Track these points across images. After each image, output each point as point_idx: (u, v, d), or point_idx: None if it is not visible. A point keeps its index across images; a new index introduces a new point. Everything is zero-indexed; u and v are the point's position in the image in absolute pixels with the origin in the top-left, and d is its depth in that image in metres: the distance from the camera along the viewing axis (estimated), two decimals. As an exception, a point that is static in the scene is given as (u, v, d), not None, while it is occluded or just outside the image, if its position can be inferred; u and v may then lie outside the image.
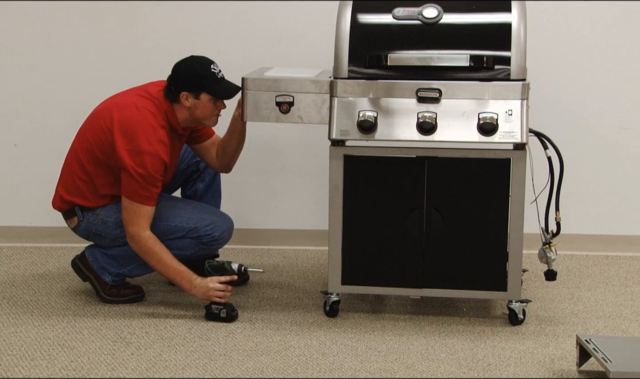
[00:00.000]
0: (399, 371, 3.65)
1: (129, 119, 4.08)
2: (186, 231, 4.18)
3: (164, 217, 4.17)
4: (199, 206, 4.34)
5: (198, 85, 4.10)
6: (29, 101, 5.21)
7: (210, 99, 4.13)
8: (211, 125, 4.26)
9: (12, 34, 5.17)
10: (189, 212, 4.24)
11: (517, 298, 4.07)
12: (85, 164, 4.18)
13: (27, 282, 4.60)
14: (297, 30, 5.06)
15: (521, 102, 3.92)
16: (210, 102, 4.13)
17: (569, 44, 5.03)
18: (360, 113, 3.98)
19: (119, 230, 4.21)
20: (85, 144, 4.18)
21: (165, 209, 4.17)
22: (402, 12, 4.04)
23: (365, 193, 4.06)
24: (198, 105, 4.12)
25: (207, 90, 4.11)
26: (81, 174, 4.20)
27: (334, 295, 4.16)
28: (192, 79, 4.10)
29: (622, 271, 4.83)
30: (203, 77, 4.10)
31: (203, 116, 4.16)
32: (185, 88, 4.10)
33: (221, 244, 4.30)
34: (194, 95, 4.11)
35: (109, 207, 4.21)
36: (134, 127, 4.06)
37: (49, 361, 3.71)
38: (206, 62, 4.14)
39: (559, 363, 3.72)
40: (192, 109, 4.13)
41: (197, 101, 4.12)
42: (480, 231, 4.03)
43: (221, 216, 4.32)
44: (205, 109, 4.14)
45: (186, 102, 4.11)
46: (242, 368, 3.67)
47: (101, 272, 4.30)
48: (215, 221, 4.24)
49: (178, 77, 4.13)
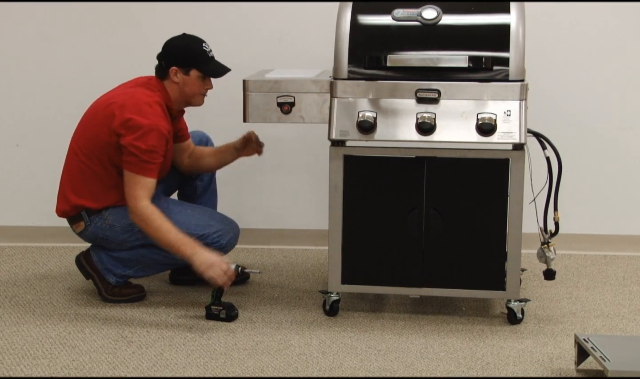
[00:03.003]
0: (398, 369, 3.67)
1: (125, 103, 4.09)
2: (194, 237, 4.12)
3: (172, 223, 4.14)
4: (206, 212, 4.32)
5: (189, 61, 4.13)
6: (31, 102, 5.22)
7: (199, 76, 4.15)
8: (197, 104, 4.25)
9: (14, 35, 5.18)
10: (196, 218, 4.22)
11: (515, 297, 4.08)
12: (90, 163, 4.17)
13: (29, 282, 4.62)
14: (297, 31, 5.07)
15: (520, 103, 3.94)
16: (198, 80, 4.16)
17: (567, 44, 5.04)
18: (359, 113, 3.99)
19: (126, 235, 4.21)
20: (88, 145, 4.18)
21: (173, 215, 4.13)
22: (401, 13, 4.05)
23: (365, 193, 4.07)
24: (187, 81, 4.15)
25: (198, 67, 4.14)
26: (86, 174, 4.18)
27: (334, 294, 4.17)
28: (183, 55, 4.14)
29: (620, 271, 4.84)
30: (194, 53, 4.14)
31: (191, 92, 4.17)
32: (175, 63, 4.13)
33: (227, 251, 4.29)
34: (184, 71, 4.14)
35: (117, 211, 4.18)
36: (130, 109, 4.06)
37: (51, 360, 3.72)
38: (198, 40, 4.19)
39: (558, 361, 3.74)
40: (181, 85, 4.15)
41: (186, 77, 4.14)
42: (479, 230, 4.04)
43: (228, 224, 4.30)
44: (194, 86, 4.16)
45: (175, 77, 4.14)
46: (242, 366, 3.68)
47: (105, 273, 4.31)
48: (222, 229, 4.24)
49: (169, 52, 4.17)
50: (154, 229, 4.03)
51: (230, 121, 4.49)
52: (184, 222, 4.15)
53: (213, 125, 4.71)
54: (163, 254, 4.18)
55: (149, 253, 4.22)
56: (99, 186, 4.19)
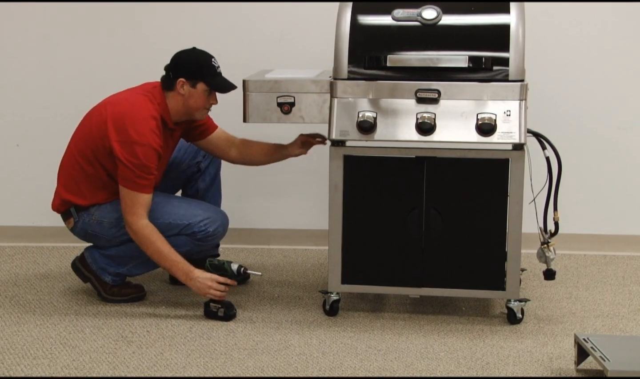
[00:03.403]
0: (398, 369, 3.67)
1: (120, 112, 4.13)
2: (180, 228, 4.19)
3: (158, 215, 4.18)
4: (192, 203, 4.36)
5: (197, 74, 4.14)
6: (31, 102, 5.23)
7: (206, 90, 4.16)
8: (200, 118, 4.28)
9: (14, 35, 5.18)
10: (182, 209, 4.25)
11: (515, 297, 4.09)
12: (82, 162, 4.21)
13: (29, 282, 4.62)
14: (297, 31, 5.08)
15: (519, 103, 3.94)
16: (204, 94, 4.17)
17: (567, 45, 5.04)
18: (359, 114, 4.00)
19: (113, 230, 4.23)
20: (81, 144, 4.22)
21: (159, 207, 4.18)
22: (401, 13, 4.06)
23: (364, 193, 4.08)
24: (193, 94, 4.16)
25: (205, 80, 4.15)
26: (78, 172, 4.23)
27: (334, 294, 4.18)
28: (192, 67, 4.15)
29: (619, 271, 4.85)
30: (203, 67, 4.15)
31: (196, 106, 4.18)
32: (183, 75, 4.15)
33: (216, 240, 4.33)
34: (191, 83, 4.15)
35: (103, 207, 4.23)
36: (125, 120, 4.10)
37: (51, 360, 3.73)
38: (208, 55, 4.20)
39: (557, 361, 3.74)
40: (186, 97, 4.16)
41: (192, 89, 4.15)
42: (479, 230, 4.04)
43: (215, 212, 4.33)
44: (199, 100, 4.17)
45: (182, 89, 4.15)
46: (242, 366, 3.69)
47: (101, 272, 4.32)
48: (209, 217, 4.25)
49: (178, 63, 4.18)
50: (151, 250, 4.13)
51: (231, 121, 4.49)
52: (170, 213, 4.19)
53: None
54: None
55: (138, 248, 4.22)
56: (87, 185, 4.23)
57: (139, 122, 4.09)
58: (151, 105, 4.14)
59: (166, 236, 4.17)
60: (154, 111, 4.13)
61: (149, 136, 4.07)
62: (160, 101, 4.17)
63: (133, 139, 4.06)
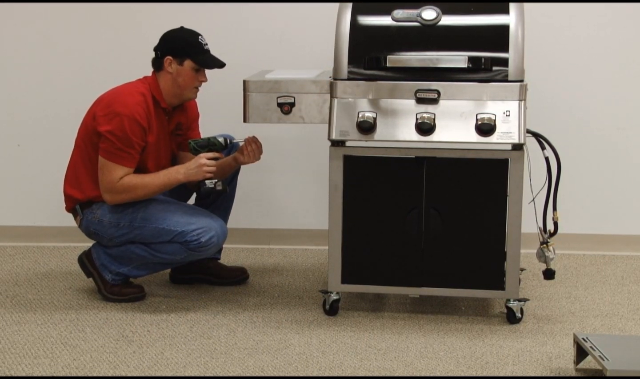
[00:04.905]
0: (398, 369, 3.68)
1: (109, 93, 4.23)
2: (173, 235, 4.15)
3: (153, 220, 4.17)
4: (190, 210, 4.28)
5: (183, 52, 4.19)
6: (32, 102, 5.23)
7: (193, 67, 4.20)
8: (190, 97, 4.29)
9: (15, 35, 5.19)
10: (177, 216, 4.19)
11: (515, 297, 4.09)
12: (79, 152, 4.27)
13: (30, 281, 4.63)
14: (297, 31, 5.08)
15: (519, 103, 3.95)
16: (192, 71, 4.20)
17: (566, 45, 5.05)
18: (359, 114, 4.00)
19: (112, 230, 4.24)
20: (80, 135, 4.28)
21: (156, 212, 4.18)
22: (401, 13, 4.06)
23: (364, 193, 4.08)
24: (180, 72, 4.19)
25: (192, 57, 4.19)
26: (76, 163, 4.28)
27: (334, 294, 4.19)
28: (179, 45, 4.20)
29: (618, 270, 4.85)
30: (189, 44, 4.20)
31: (184, 84, 4.21)
32: (170, 53, 4.19)
33: (210, 250, 4.20)
34: (178, 61, 4.19)
35: (105, 206, 4.24)
36: (112, 97, 4.18)
37: (52, 359, 3.73)
38: (194, 33, 4.25)
39: (557, 361, 3.75)
40: (175, 76, 4.20)
41: (180, 67, 4.19)
42: (478, 230, 4.05)
43: (212, 222, 4.19)
44: (187, 77, 4.20)
45: (169, 67, 4.19)
46: (242, 366, 3.69)
47: (102, 269, 4.34)
48: (203, 227, 4.15)
49: (165, 42, 4.24)
50: (141, 189, 4.13)
51: (231, 121, 4.50)
52: (164, 219, 4.17)
53: (213, 125, 4.71)
54: (150, 252, 4.21)
55: (136, 249, 4.23)
56: (85, 176, 4.26)
57: (124, 96, 4.16)
58: (141, 84, 4.22)
59: (159, 241, 4.17)
60: (143, 89, 4.20)
61: (132, 107, 4.11)
62: (151, 81, 4.23)
63: (117, 110, 4.11)
